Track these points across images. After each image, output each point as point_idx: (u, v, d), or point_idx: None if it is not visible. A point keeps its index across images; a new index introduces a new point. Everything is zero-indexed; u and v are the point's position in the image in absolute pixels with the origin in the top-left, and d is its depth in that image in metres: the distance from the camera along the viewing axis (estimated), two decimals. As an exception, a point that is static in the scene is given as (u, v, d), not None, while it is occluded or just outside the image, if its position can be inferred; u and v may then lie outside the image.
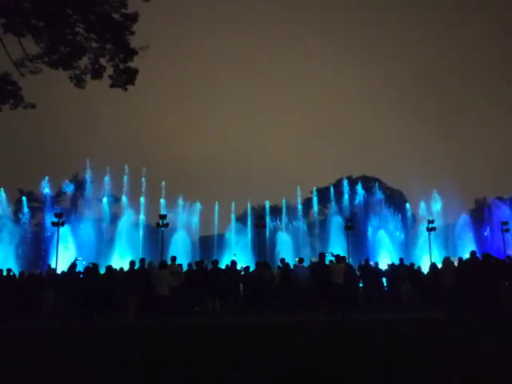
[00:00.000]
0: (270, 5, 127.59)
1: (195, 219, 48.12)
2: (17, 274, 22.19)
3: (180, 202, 47.14)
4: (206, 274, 19.35)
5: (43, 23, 13.98)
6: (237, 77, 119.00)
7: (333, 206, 51.70)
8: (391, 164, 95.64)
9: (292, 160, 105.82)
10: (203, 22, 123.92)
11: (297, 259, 21.32)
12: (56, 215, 36.98)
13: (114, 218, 45.96)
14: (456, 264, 18.47)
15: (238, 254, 39.22)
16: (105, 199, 45.83)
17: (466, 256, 20.28)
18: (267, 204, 54.71)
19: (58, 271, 23.07)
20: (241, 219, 52.31)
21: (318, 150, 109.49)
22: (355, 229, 41.00)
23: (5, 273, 21.23)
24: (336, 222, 44.96)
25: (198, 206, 48.00)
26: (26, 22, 13.86)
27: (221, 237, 47.73)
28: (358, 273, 21.65)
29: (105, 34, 14.28)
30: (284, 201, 55.32)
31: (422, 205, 47.45)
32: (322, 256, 17.68)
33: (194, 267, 19.98)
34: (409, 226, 47.28)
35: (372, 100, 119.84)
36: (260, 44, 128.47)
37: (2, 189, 42.79)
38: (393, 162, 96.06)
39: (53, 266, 28.27)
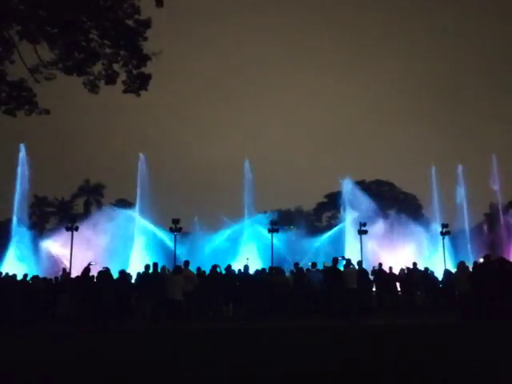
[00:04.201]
0: (277, 10, 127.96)
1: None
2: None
3: None
4: (220, 278, 19.36)
5: (58, 30, 14.12)
6: (245, 80, 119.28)
7: (345, 210, 51.29)
8: (405, 168, 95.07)
9: (304, 164, 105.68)
10: (212, 27, 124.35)
11: (310, 264, 21.29)
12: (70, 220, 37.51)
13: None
14: (470, 269, 18.31)
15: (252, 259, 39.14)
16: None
17: (481, 260, 20.11)
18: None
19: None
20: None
21: (331, 154, 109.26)
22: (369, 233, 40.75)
23: (19, 277, 21.40)
24: (349, 227, 44.70)
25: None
26: (41, 29, 14.01)
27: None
28: (371, 277, 21.51)
29: (118, 40, 14.37)
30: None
31: (436, 209, 47.13)
32: (335, 261, 17.64)
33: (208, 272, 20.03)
34: (422, 230, 46.82)
35: (385, 103, 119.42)
36: (268, 49, 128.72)
37: None
38: (406, 166, 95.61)
39: (67, 270, 28.50)
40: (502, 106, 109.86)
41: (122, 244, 41.63)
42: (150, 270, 17.69)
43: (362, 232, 39.74)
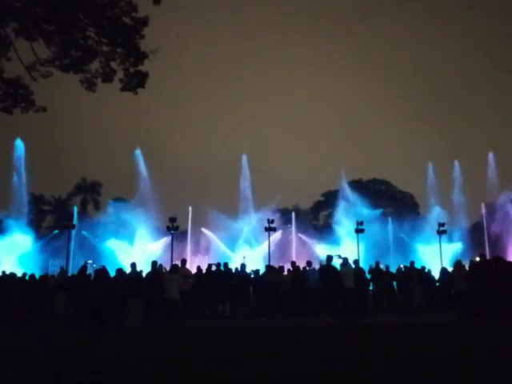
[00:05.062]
0: (277, 7, 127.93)
1: None
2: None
3: None
4: (217, 277, 19.35)
5: (55, 28, 14.08)
6: (244, 78, 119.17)
7: (342, 208, 51.28)
8: (402, 167, 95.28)
9: (302, 162, 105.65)
10: (212, 25, 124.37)
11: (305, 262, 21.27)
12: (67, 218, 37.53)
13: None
14: (467, 267, 18.34)
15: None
16: None
17: (477, 259, 20.16)
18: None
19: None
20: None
21: (329, 153, 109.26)
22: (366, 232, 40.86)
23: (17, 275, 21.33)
24: (346, 225, 44.80)
25: None
26: (37, 27, 13.97)
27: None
28: (368, 276, 21.52)
29: (116, 37, 14.34)
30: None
31: (433, 207, 47.36)
32: (330, 259, 17.60)
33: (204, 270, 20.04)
34: (419, 228, 46.98)
35: (383, 102, 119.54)
36: (266, 46, 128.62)
37: None
38: (404, 165, 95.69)
39: (64, 268, 28.48)
40: (500, 105, 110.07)
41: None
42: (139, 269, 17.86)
43: (359, 231, 39.82)
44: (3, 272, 21.87)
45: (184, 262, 18.79)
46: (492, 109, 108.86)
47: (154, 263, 17.73)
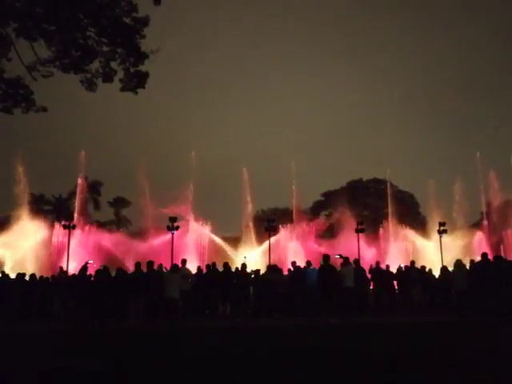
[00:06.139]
0: (278, 10, 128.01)
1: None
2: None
3: None
4: (217, 276, 19.34)
5: (55, 27, 14.07)
6: (244, 79, 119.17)
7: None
8: (402, 167, 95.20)
9: (302, 162, 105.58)
10: (212, 25, 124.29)
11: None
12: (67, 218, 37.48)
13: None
14: (468, 267, 18.33)
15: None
16: None
17: (478, 259, 20.14)
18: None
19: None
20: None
21: (329, 153, 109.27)
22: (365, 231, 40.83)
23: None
24: (347, 225, 44.73)
25: None
26: (37, 27, 13.96)
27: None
28: (368, 276, 21.51)
29: (116, 37, 14.34)
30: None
31: (434, 207, 47.29)
32: (327, 258, 17.59)
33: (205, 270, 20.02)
34: (420, 228, 46.93)
35: (383, 102, 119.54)
36: (267, 47, 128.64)
37: None
38: (403, 164, 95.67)
39: (64, 268, 28.45)
40: (498, 106, 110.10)
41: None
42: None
43: (359, 230, 39.78)
44: (2, 272, 21.85)
45: (184, 261, 18.79)
46: (492, 108, 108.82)
47: (151, 263, 17.66)
